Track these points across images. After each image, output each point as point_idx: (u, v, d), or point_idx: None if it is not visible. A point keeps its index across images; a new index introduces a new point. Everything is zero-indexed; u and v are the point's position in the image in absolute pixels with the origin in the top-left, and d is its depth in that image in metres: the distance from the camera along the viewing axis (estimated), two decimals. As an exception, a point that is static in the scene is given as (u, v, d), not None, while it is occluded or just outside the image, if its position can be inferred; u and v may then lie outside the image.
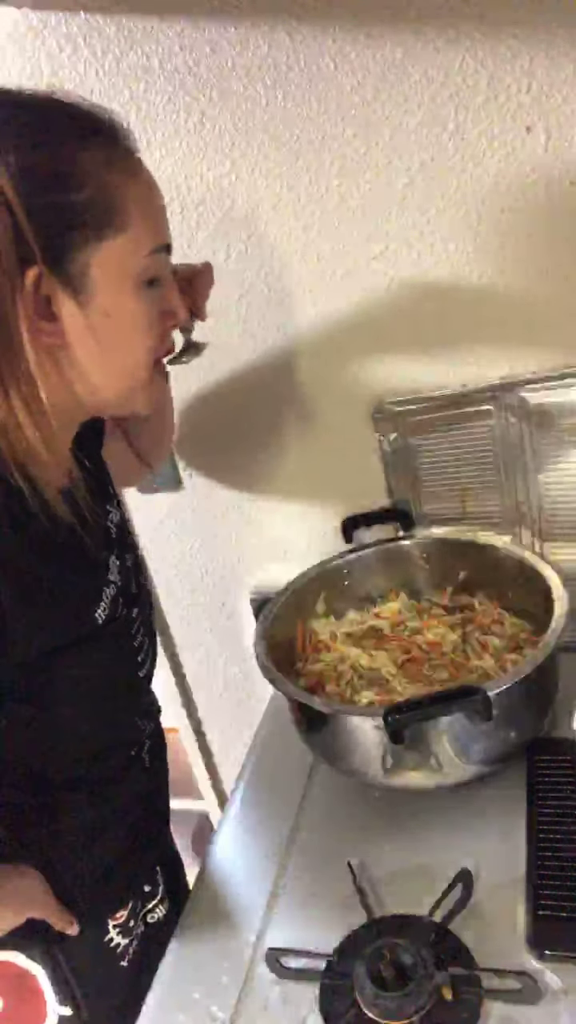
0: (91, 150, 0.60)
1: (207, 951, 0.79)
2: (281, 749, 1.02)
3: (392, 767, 0.82)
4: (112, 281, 0.62)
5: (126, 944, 0.83)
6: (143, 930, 0.86)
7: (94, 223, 0.60)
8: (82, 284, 0.61)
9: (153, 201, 0.66)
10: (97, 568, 0.73)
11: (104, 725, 0.77)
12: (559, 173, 0.86)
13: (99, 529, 0.75)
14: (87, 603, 0.70)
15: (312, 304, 1.02)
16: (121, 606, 0.75)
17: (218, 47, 0.89)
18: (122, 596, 0.76)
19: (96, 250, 0.61)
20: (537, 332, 0.95)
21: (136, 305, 0.65)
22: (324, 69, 0.87)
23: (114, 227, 0.61)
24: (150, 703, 0.87)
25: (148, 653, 0.82)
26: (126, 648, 0.77)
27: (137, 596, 0.80)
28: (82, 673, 0.71)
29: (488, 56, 0.82)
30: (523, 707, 0.82)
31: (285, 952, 0.73)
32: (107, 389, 0.68)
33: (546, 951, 0.70)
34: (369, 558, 1.09)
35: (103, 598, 0.72)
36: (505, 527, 1.05)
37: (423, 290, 0.96)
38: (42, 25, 0.93)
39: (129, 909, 0.83)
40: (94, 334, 0.64)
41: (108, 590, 0.73)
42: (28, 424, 0.61)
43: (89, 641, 0.70)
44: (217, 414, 1.14)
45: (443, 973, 0.67)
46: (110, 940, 0.81)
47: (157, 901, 0.88)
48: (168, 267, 0.69)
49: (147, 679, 0.83)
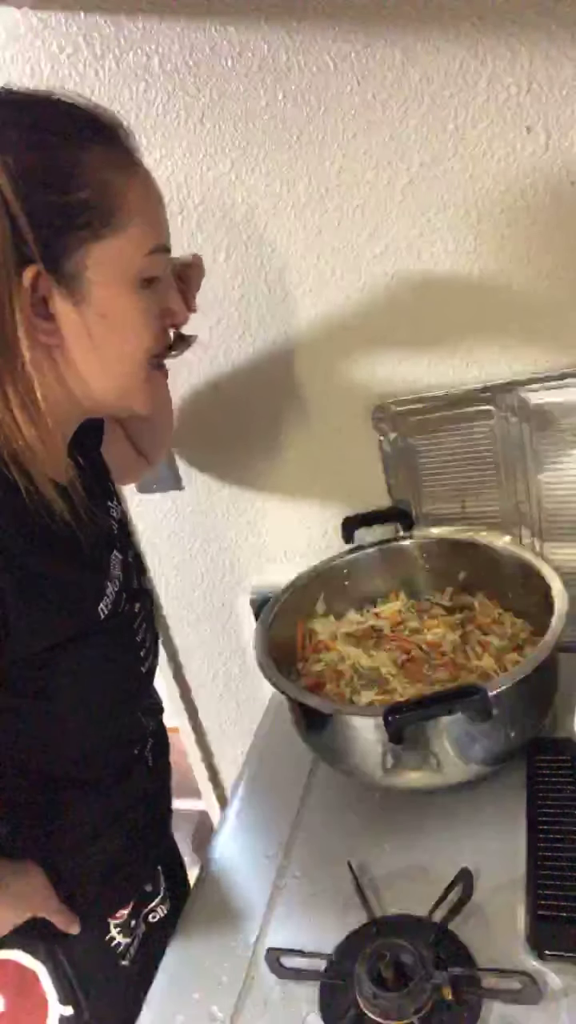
0: (91, 150, 0.61)
1: (207, 951, 0.79)
2: (281, 749, 1.02)
3: (392, 767, 0.82)
4: (109, 281, 0.63)
5: (127, 943, 0.83)
6: (145, 930, 0.86)
7: (93, 223, 0.60)
8: (79, 284, 0.61)
9: (152, 202, 0.66)
10: (99, 564, 0.73)
11: (106, 721, 0.77)
12: (559, 173, 0.86)
13: (99, 526, 0.75)
14: (89, 598, 0.70)
15: (312, 304, 1.02)
16: (124, 601, 0.75)
17: (218, 47, 0.89)
18: (124, 591, 0.76)
19: (94, 250, 0.61)
20: (537, 332, 0.95)
21: (133, 305, 0.65)
22: (324, 69, 0.87)
23: (112, 227, 0.61)
24: (152, 700, 0.87)
25: (150, 648, 0.82)
26: (129, 643, 0.77)
27: (138, 591, 0.80)
28: (84, 668, 0.71)
29: (488, 56, 0.82)
30: (523, 707, 0.82)
31: (285, 952, 0.73)
32: (104, 388, 0.68)
33: (546, 951, 0.70)
34: (369, 558, 1.09)
35: (106, 593, 0.72)
36: (505, 527, 1.05)
37: (423, 290, 0.96)
38: (42, 25, 0.93)
39: (130, 908, 0.83)
40: (91, 333, 0.64)
41: (111, 585, 0.73)
42: (24, 422, 0.62)
43: (91, 636, 0.70)
44: (217, 414, 1.14)
45: (443, 973, 0.67)
46: (111, 939, 0.81)
47: (159, 901, 0.88)
48: (167, 267, 0.69)
49: (149, 674, 0.83)
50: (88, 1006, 0.79)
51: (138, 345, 0.67)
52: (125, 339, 0.66)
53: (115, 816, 0.80)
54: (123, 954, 0.82)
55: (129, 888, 0.84)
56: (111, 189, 0.61)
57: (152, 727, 0.85)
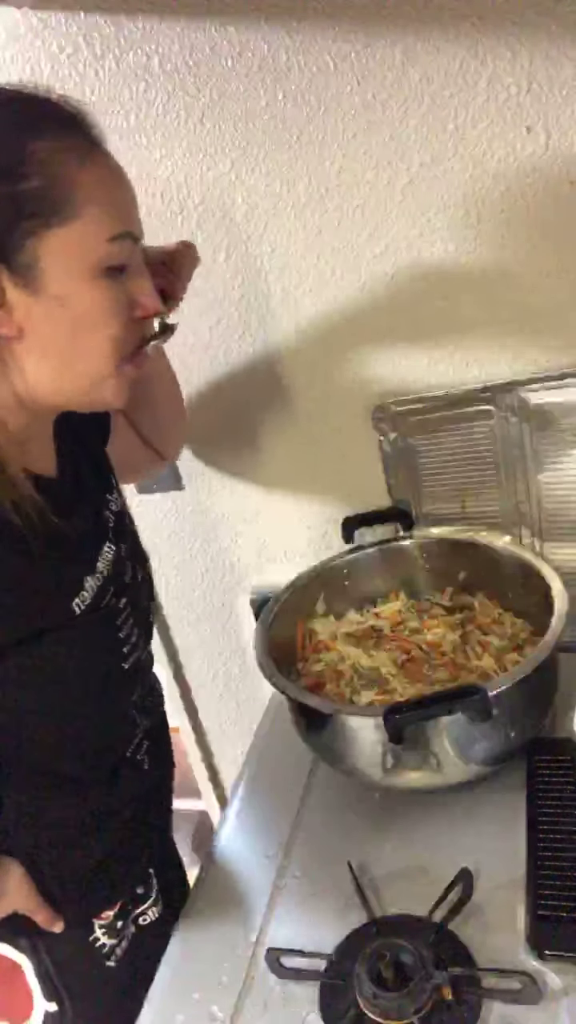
0: (41, 140, 0.60)
1: (207, 951, 0.79)
2: (281, 749, 1.02)
3: (392, 767, 0.82)
4: (65, 270, 0.61)
5: (113, 945, 0.82)
6: (134, 932, 0.85)
7: (42, 212, 0.59)
8: (33, 274, 0.61)
9: (112, 189, 0.64)
10: (82, 557, 0.72)
11: (85, 718, 0.75)
12: (559, 173, 0.86)
13: (87, 519, 0.74)
14: (63, 592, 0.69)
15: (312, 304, 1.02)
16: (110, 596, 0.74)
17: (218, 47, 0.89)
18: (112, 585, 0.75)
19: (47, 239, 0.60)
20: (537, 332, 0.95)
21: (94, 294, 0.63)
22: (324, 69, 0.87)
23: (64, 216, 0.60)
24: (144, 697, 0.85)
25: (137, 645, 0.79)
26: (109, 639, 0.75)
27: (129, 586, 0.79)
28: (55, 662, 0.70)
29: (488, 56, 0.82)
30: (523, 707, 0.82)
31: (285, 952, 0.73)
32: (68, 380, 0.66)
33: (546, 951, 0.70)
34: (369, 558, 1.09)
35: (84, 588, 0.71)
36: (505, 527, 1.05)
37: (423, 290, 0.96)
38: (42, 25, 0.93)
39: (117, 910, 0.83)
40: (50, 324, 0.63)
41: (91, 580, 0.72)
42: None
43: (64, 630, 0.69)
44: (217, 414, 1.14)
45: (443, 973, 0.67)
46: (95, 940, 0.81)
47: (150, 903, 0.87)
48: (136, 256, 0.67)
49: (136, 672, 0.81)
50: (72, 1004, 0.79)
51: (102, 335, 0.65)
52: (88, 329, 0.64)
53: (101, 817, 0.79)
54: (108, 955, 0.82)
55: (116, 890, 0.83)
56: (62, 178, 0.60)
57: (146, 725, 0.84)
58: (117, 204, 0.64)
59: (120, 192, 0.65)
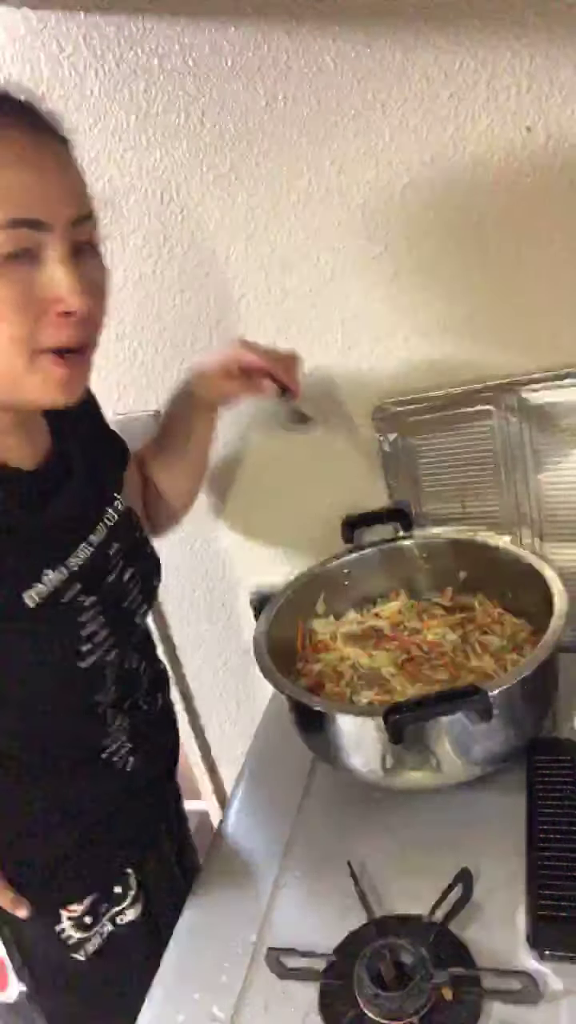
0: None
1: (207, 951, 0.79)
2: (281, 749, 1.02)
3: (392, 767, 0.82)
4: None
5: (82, 938, 0.82)
6: (111, 930, 0.85)
7: None
8: None
9: (19, 172, 0.60)
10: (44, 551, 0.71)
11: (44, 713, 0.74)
12: (559, 173, 0.86)
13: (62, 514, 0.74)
14: (11, 584, 0.68)
15: (312, 304, 1.02)
16: (76, 592, 0.72)
17: (218, 47, 0.89)
18: (82, 582, 0.73)
19: None
20: (537, 332, 0.95)
21: None
22: (324, 69, 0.87)
23: None
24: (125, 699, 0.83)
25: (102, 645, 0.75)
26: (66, 636, 0.72)
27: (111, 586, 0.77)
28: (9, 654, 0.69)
29: (488, 56, 0.82)
30: (523, 707, 0.82)
31: (285, 952, 0.73)
32: None
33: (546, 951, 0.70)
34: (369, 558, 1.08)
35: (41, 581, 0.69)
36: (505, 527, 1.05)
37: (423, 290, 0.96)
38: (42, 25, 0.93)
39: (88, 905, 0.82)
40: None
41: (54, 574, 0.70)
42: None
43: (15, 621, 0.68)
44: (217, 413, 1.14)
45: (443, 973, 0.67)
46: (62, 931, 0.81)
47: (128, 904, 0.86)
48: (50, 247, 0.62)
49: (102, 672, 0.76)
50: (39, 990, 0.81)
51: (3, 329, 0.61)
52: None
53: (69, 812, 0.80)
54: (76, 948, 0.82)
55: (82, 883, 0.82)
56: None
57: (128, 727, 0.82)
58: (16, 188, 0.60)
59: (26, 175, 0.61)
